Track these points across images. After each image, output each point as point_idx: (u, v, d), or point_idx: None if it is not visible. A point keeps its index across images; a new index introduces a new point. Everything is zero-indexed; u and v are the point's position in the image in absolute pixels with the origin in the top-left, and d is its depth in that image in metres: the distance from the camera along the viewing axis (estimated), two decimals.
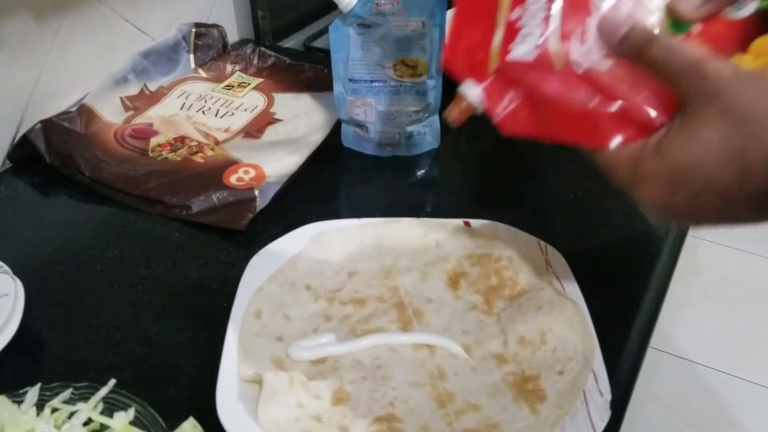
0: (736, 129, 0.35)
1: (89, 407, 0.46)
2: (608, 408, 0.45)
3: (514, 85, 0.43)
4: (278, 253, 0.59)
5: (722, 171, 0.36)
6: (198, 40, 0.95)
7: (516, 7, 0.44)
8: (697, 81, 0.37)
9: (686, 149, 0.37)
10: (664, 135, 0.38)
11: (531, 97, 0.43)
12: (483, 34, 0.45)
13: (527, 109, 0.43)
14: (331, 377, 0.49)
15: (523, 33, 0.44)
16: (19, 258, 0.62)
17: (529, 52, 0.43)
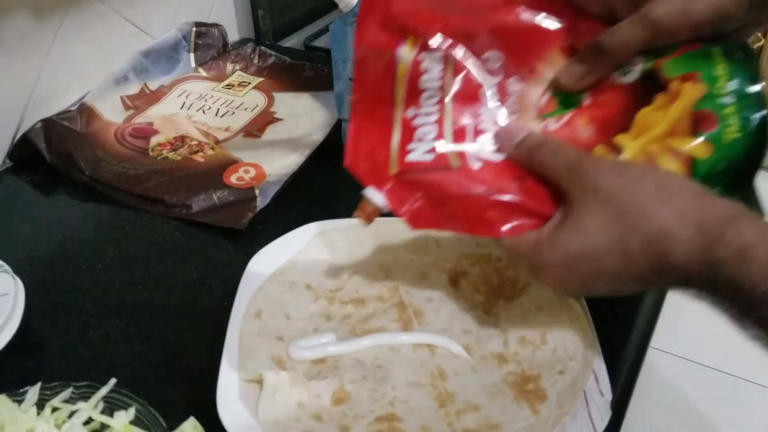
0: (615, 220, 0.39)
1: (90, 406, 0.46)
2: (609, 408, 0.45)
3: (416, 185, 0.46)
4: (278, 252, 0.59)
5: (608, 259, 0.40)
6: (198, 40, 0.95)
7: (410, 107, 0.46)
8: (577, 178, 0.42)
9: (574, 241, 0.41)
10: (556, 226, 0.42)
11: (432, 194, 0.46)
12: (381, 134, 0.47)
13: (430, 206, 0.45)
14: (332, 377, 0.49)
15: (419, 133, 0.46)
16: (19, 257, 0.62)
17: (426, 153, 0.46)
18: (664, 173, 0.42)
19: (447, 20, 0.46)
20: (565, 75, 0.46)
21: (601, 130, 0.45)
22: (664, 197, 0.39)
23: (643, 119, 0.45)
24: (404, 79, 0.46)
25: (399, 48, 0.45)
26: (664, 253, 0.38)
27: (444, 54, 0.46)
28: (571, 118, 0.46)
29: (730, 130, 0.42)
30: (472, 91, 0.47)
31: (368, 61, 0.46)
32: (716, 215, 0.38)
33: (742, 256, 0.36)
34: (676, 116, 0.43)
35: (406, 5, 0.45)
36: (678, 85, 0.44)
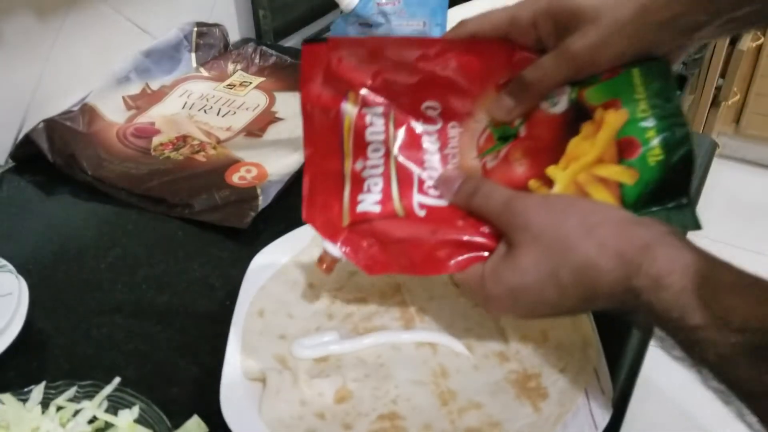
0: (546, 255, 0.42)
1: (94, 405, 0.46)
2: (610, 406, 0.46)
3: (368, 233, 0.48)
4: (280, 251, 0.59)
5: (545, 290, 0.42)
6: (199, 39, 0.95)
7: (358, 159, 0.48)
8: (509, 219, 0.44)
9: (514, 276, 0.43)
10: (497, 262, 0.45)
11: (384, 240, 0.48)
12: (334, 186, 0.49)
13: (383, 252, 0.48)
14: (334, 375, 0.49)
15: (367, 184, 0.49)
16: (22, 256, 0.62)
17: (374, 204, 0.49)
18: (588, 205, 0.44)
19: (384, 75, 0.47)
20: (495, 108, 0.48)
21: (534, 163, 0.47)
22: (587, 230, 0.41)
23: (573, 149, 0.46)
24: (350, 133, 0.48)
25: (343, 103, 0.47)
26: (591, 282, 0.40)
27: (384, 109, 0.48)
28: (506, 152, 0.48)
29: (653, 153, 0.44)
30: (415, 141, 0.49)
31: (315, 115, 0.47)
32: (635, 245, 0.39)
33: (657, 284, 0.37)
34: (602, 145, 0.45)
35: (344, 63, 0.46)
36: (602, 113, 0.46)
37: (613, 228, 0.41)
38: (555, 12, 0.45)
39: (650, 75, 0.45)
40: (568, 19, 0.45)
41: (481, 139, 0.49)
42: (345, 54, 0.46)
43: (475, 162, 0.49)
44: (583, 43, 0.44)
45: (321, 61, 0.46)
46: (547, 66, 0.46)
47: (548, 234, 0.42)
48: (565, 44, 0.45)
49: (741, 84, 2.02)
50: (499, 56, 0.48)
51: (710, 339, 0.36)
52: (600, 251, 0.40)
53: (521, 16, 0.46)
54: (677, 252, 0.38)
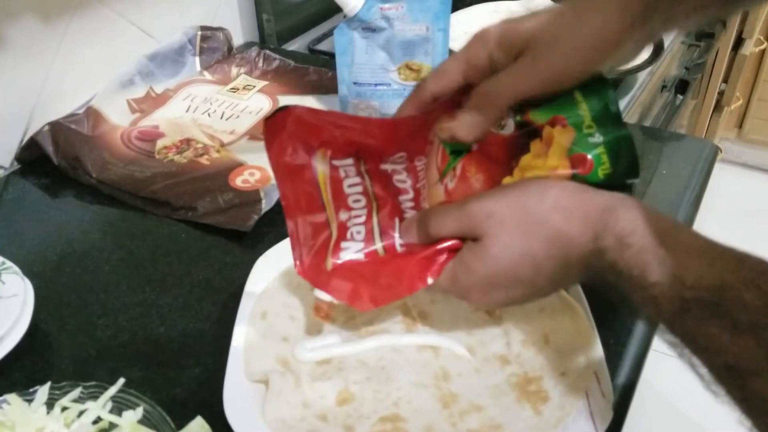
0: (515, 236, 0.43)
1: (98, 406, 0.46)
2: (611, 409, 0.46)
3: (353, 275, 0.50)
4: (283, 254, 0.59)
5: (520, 269, 0.44)
6: (203, 43, 0.96)
7: (341, 210, 0.51)
8: (468, 220, 0.46)
9: (486, 263, 0.45)
10: (466, 254, 0.46)
11: (368, 278, 0.50)
12: (317, 236, 0.51)
13: (367, 287, 0.49)
14: (336, 378, 0.49)
15: (351, 232, 0.51)
16: (27, 258, 0.63)
17: (357, 252, 0.51)
18: (542, 182, 0.46)
19: (347, 136, 0.48)
20: (459, 127, 0.48)
21: (489, 177, 0.49)
22: (551, 204, 0.43)
23: (526, 165, 0.48)
24: (327, 187, 0.50)
25: (312, 160, 0.49)
26: (563, 251, 0.42)
27: (353, 160, 0.50)
28: (462, 169, 0.50)
29: (604, 167, 0.46)
30: (389, 184, 0.51)
31: (288, 173, 0.49)
32: (598, 207, 0.42)
33: (620, 243, 0.40)
34: (555, 162, 0.47)
35: (307, 126, 0.47)
36: (549, 130, 0.47)
37: (574, 196, 0.43)
38: (511, 43, 0.45)
39: (589, 90, 0.47)
40: (527, 46, 0.45)
41: (438, 157, 0.51)
42: (306, 119, 0.47)
43: (438, 186, 0.51)
44: (546, 67, 0.45)
45: (284, 127, 0.47)
46: (511, 78, 0.46)
47: (513, 216, 0.44)
48: (527, 63, 0.45)
49: (744, 89, 2.03)
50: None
51: (666, 294, 0.38)
52: (567, 219, 0.42)
53: (476, 61, 0.47)
54: (638, 213, 0.40)
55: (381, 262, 0.51)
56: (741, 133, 2.17)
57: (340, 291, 0.50)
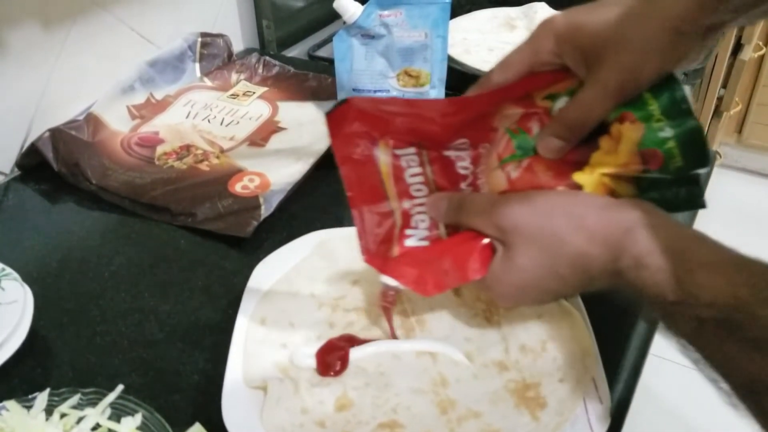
0: (541, 252, 0.44)
1: (97, 412, 0.47)
2: (608, 415, 0.46)
3: (416, 261, 0.51)
4: (283, 260, 0.60)
5: (546, 282, 0.45)
6: (204, 50, 0.96)
7: (404, 199, 0.52)
8: (497, 220, 0.46)
9: (515, 275, 0.46)
10: (497, 265, 0.47)
11: (430, 263, 0.50)
12: (382, 224, 0.52)
13: (431, 273, 0.50)
14: (335, 384, 0.50)
15: (415, 221, 0.52)
16: (27, 265, 0.63)
17: (421, 240, 0.52)
18: (569, 199, 0.46)
19: (408, 125, 0.49)
20: (544, 149, 0.48)
21: (558, 174, 0.48)
22: (576, 224, 0.44)
23: (596, 161, 0.47)
24: (390, 177, 0.51)
25: (374, 150, 0.50)
26: (585, 269, 0.43)
27: (415, 149, 0.51)
28: (529, 164, 0.49)
29: (675, 161, 0.45)
30: (450, 170, 0.52)
31: (352, 165, 0.50)
32: (619, 229, 0.42)
33: (638, 263, 0.40)
34: (625, 158, 0.46)
35: (368, 117, 0.48)
36: (618, 127, 0.46)
37: (598, 216, 0.44)
38: (582, 42, 0.44)
39: (656, 84, 0.45)
40: (596, 47, 0.44)
41: (501, 146, 0.50)
42: (367, 109, 0.48)
43: (499, 173, 0.50)
44: (620, 71, 0.43)
45: (346, 120, 0.48)
46: (590, 103, 0.45)
47: (538, 233, 0.45)
48: (602, 76, 0.44)
49: (743, 94, 2.03)
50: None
51: (683, 313, 0.39)
52: (589, 241, 0.43)
53: (542, 54, 0.46)
54: (656, 232, 0.41)
55: (443, 249, 0.51)
56: (740, 138, 2.17)
57: (406, 277, 0.50)
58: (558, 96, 0.48)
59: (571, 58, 0.45)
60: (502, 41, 1.09)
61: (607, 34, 0.43)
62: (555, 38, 0.46)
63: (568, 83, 0.47)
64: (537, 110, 0.49)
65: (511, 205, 0.46)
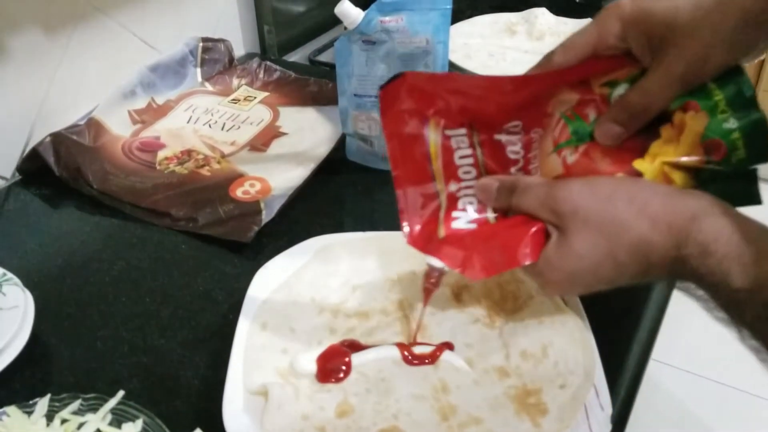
0: (600, 237, 0.44)
1: (98, 418, 0.47)
2: (609, 421, 0.46)
3: (464, 243, 0.50)
4: (283, 265, 0.60)
5: (602, 269, 0.44)
6: (205, 54, 0.96)
7: (451, 181, 0.51)
8: (553, 205, 0.46)
9: (570, 261, 0.45)
10: (551, 250, 0.46)
11: (477, 246, 0.49)
12: (427, 205, 0.52)
13: (479, 256, 0.49)
14: (336, 390, 0.50)
15: (463, 202, 0.52)
16: (28, 269, 0.63)
17: (469, 222, 0.51)
18: (633, 184, 0.45)
19: (462, 102, 0.49)
20: (603, 136, 0.48)
21: (617, 160, 0.48)
22: (638, 209, 0.43)
23: (656, 150, 0.47)
24: (438, 157, 0.51)
25: (425, 129, 0.50)
26: (646, 256, 0.43)
27: (467, 130, 0.50)
28: (586, 149, 0.48)
29: (738, 154, 0.44)
30: (500, 153, 0.51)
31: (399, 143, 0.50)
32: (684, 216, 0.42)
33: (703, 251, 0.40)
34: (687, 148, 0.46)
35: (422, 93, 0.48)
36: (681, 116, 0.46)
37: (662, 202, 0.43)
38: (648, 27, 0.44)
39: (723, 75, 0.45)
40: (663, 34, 0.44)
41: (557, 131, 0.50)
42: (421, 86, 0.48)
43: (554, 157, 0.50)
44: (687, 59, 0.43)
45: (399, 96, 0.48)
46: (654, 90, 0.45)
47: (599, 218, 0.44)
48: (667, 64, 0.44)
49: None
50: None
51: (748, 300, 0.38)
52: (652, 227, 0.42)
53: (607, 38, 0.46)
54: (723, 220, 0.40)
55: (493, 233, 0.50)
56: None
57: (452, 258, 0.49)
58: (617, 83, 0.47)
59: (637, 43, 0.45)
60: (502, 46, 1.09)
61: (676, 21, 0.43)
62: (621, 22, 0.45)
63: (627, 71, 0.47)
64: (594, 97, 0.48)
65: (569, 189, 0.45)
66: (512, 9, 1.19)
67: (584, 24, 0.48)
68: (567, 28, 1.13)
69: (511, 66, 1.03)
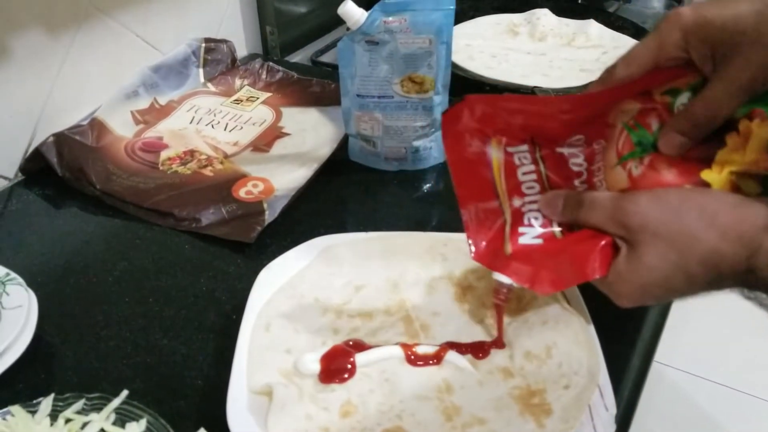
0: (670, 250, 0.43)
1: (102, 418, 0.47)
2: (613, 422, 0.46)
3: (531, 259, 0.50)
4: (287, 266, 0.60)
5: (673, 282, 0.44)
6: (207, 55, 0.96)
7: (514, 196, 0.52)
8: (621, 223, 0.45)
9: (640, 274, 0.45)
10: (621, 264, 0.46)
11: (545, 261, 0.50)
12: (493, 222, 0.52)
13: (547, 271, 0.49)
14: (339, 390, 0.50)
15: (528, 217, 0.52)
16: (31, 269, 0.63)
17: (535, 238, 0.51)
18: (701, 195, 0.45)
19: (524, 121, 0.50)
20: (666, 146, 0.47)
21: (683, 171, 0.47)
22: (709, 220, 0.43)
23: (723, 159, 0.46)
24: (501, 174, 0.51)
25: (487, 148, 0.51)
26: (716, 267, 0.42)
27: (529, 147, 0.51)
28: (651, 161, 0.48)
29: None
30: (563, 167, 0.52)
31: (463, 163, 0.51)
32: (755, 226, 0.41)
33: None
34: (754, 156, 0.45)
35: (483, 115, 0.49)
36: (746, 124, 0.45)
37: (732, 213, 0.42)
38: (710, 36, 0.44)
39: None
40: (726, 42, 0.43)
41: (620, 142, 0.50)
42: (482, 107, 0.49)
43: (619, 170, 0.50)
44: (752, 67, 0.43)
45: (460, 119, 0.49)
46: (719, 100, 0.45)
47: (669, 230, 0.43)
48: (732, 73, 0.44)
49: None
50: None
51: None
52: (722, 238, 0.42)
53: (668, 48, 0.46)
54: None
55: (560, 248, 0.50)
56: None
57: (520, 274, 0.50)
58: (679, 92, 0.47)
59: (698, 53, 0.45)
60: (505, 47, 1.09)
61: (739, 29, 0.43)
62: (682, 31, 0.45)
63: (688, 79, 0.47)
64: (656, 106, 0.48)
65: (637, 202, 0.45)
66: (514, 10, 1.19)
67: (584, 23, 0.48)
68: (569, 30, 1.13)
69: (513, 67, 1.03)
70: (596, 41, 1.11)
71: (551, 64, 1.05)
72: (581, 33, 1.12)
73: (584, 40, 1.10)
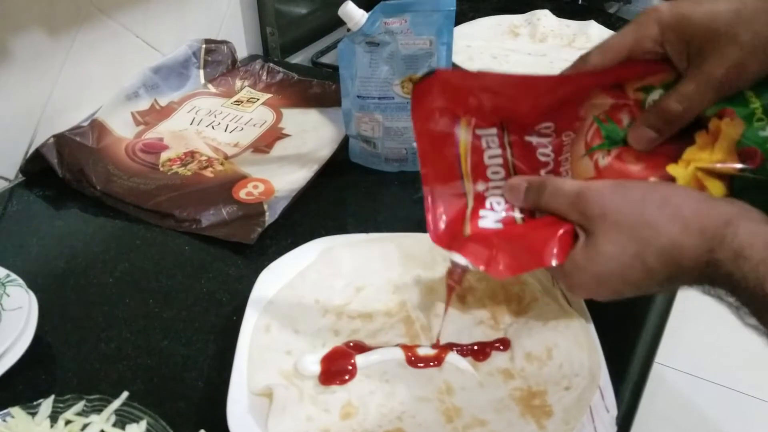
0: (630, 239, 0.43)
1: (102, 419, 0.47)
2: (614, 423, 0.46)
3: (489, 242, 0.50)
4: (287, 267, 0.60)
5: (631, 273, 0.43)
6: (208, 56, 0.96)
7: (479, 180, 0.51)
8: (583, 210, 0.45)
9: (599, 263, 0.44)
10: (578, 252, 0.45)
11: (503, 245, 0.49)
12: (455, 205, 0.52)
13: (504, 255, 0.49)
14: (340, 391, 0.49)
15: (490, 202, 0.52)
16: (32, 271, 0.63)
17: (496, 222, 0.51)
18: (666, 188, 0.45)
19: (494, 102, 0.49)
20: (636, 140, 0.47)
21: (650, 165, 0.47)
22: (670, 213, 0.42)
23: (690, 156, 0.46)
24: (467, 156, 0.51)
25: (456, 128, 0.50)
26: (676, 261, 0.42)
27: (497, 130, 0.50)
28: (619, 153, 0.48)
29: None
30: (531, 155, 0.51)
31: (429, 141, 0.50)
32: (718, 220, 0.41)
33: (738, 255, 0.39)
34: (722, 155, 0.45)
35: (454, 92, 0.48)
36: (716, 122, 0.45)
37: (695, 206, 0.42)
38: (687, 32, 0.44)
39: (761, 82, 0.45)
40: (702, 39, 0.43)
41: (589, 134, 0.50)
42: (454, 83, 0.48)
43: (586, 160, 0.50)
44: (725, 65, 0.43)
45: (431, 92, 0.48)
46: (691, 96, 0.45)
47: (629, 220, 0.43)
48: (706, 69, 0.44)
49: None
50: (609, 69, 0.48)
51: None
52: (684, 231, 0.41)
53: (644, 42, 0.46)
54: (758, 226, 0.40)
55: (520, 233, 0.50)
56: None
57: (476, 255, 0.49)
58: (652, 89, 0.47)
59: (674, 48, 0.45)
60: (505, 48, 1.09)
61: (715, 26, 0.43)
62: (659, 26, 0.45)
63: (663, 76, 0.47)
64: (628, 101, 0.48)
65: (600, 191, 0.45)
66: (515, 11, 1.19)
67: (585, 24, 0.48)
68: (569, 31, 1.13)
69: (513, 68, 1.03)
70: (597, 42, 1.10)
71: (552, 65, 1.05)
72: (582, 34, 1.12)
73: (585, 41, 1.10)
